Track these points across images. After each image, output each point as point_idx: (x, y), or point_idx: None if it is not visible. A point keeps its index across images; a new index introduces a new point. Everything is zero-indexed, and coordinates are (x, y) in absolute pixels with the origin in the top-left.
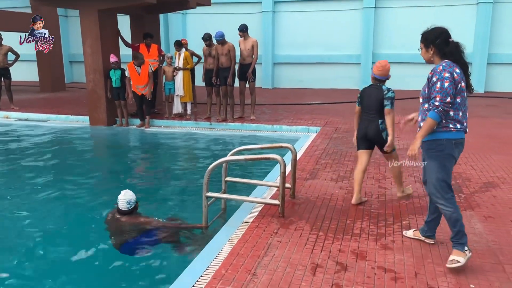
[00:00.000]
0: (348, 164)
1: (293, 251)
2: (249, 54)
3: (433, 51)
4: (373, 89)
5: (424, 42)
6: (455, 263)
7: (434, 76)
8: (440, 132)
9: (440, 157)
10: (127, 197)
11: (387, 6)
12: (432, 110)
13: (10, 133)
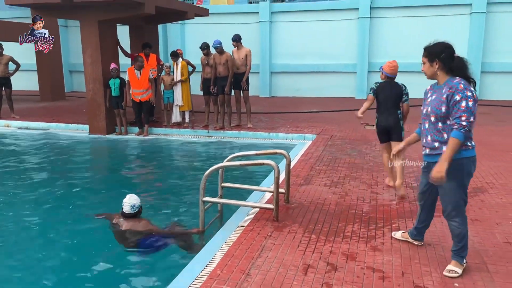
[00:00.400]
0: (342, 171)
1: (286, 253)
2: (242, 63)
3: (438, 66)
4: (390, 84)
5: (428, 57)
6: (453, 273)
7: (456, 94)
8: (460, 152)
9: (460, 176)
10: (131, 201)
11: (382, 16)
12: (457, 130)
13: (11, 142)
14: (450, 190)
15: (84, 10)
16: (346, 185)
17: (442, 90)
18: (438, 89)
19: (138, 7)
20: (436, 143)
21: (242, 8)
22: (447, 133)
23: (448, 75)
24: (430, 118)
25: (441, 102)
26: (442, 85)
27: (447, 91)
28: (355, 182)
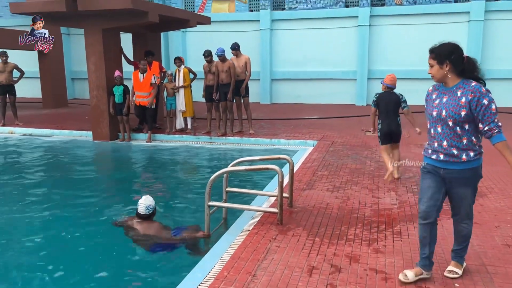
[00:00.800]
0: (344, 176)
1: (290, 255)
2: (242, 71)
3: (448, 68)
4: (389, 94)
5: (437, 59)
6: (453, 274)
7: (482, 98)
8: (478, 159)
9: (476, 182)
10: (147, 202)
11: (382, 24)
12: (500, 133)
13: (15, 148)
14: (468, 195)
15: (88, 18)
16: (348, 190)
17: (457, 93)
18: (448, 91)
19: (142, 16)
20: (454, 149)
21: (243, 16)
22: (467, 138)
23: (460, 77)
24: (447, 122)
25: (459, 106)
26: (454, 88)
27: (467, 96)
28: (357, 187)
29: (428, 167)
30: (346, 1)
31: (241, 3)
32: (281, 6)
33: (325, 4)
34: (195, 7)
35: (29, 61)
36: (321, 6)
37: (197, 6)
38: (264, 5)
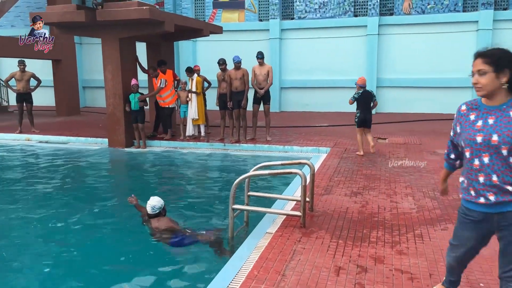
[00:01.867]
0: (360, 181)
1: (316, 256)
2: (264, 79)
3: (506, 79)
4: (366, 92)
5: (494, 65)
6: None
7: None
8: None
9: None
10: (152, 202)
11: (390, 33)
12: None
13: (33, 155)
14: None
15: (106, 28)
16: (365, 195)
17: (509, 113)
18: (495, 110)
19: (158, 25)
20: (509, 185)
21: (252, 25)
22: None
23: (510, 94)
24: (500, 150)
25: None
26: (504, 106)
27: None
28: (374, 192)
29: (474, 215)
30: (355, 11)
31: (251, 13)
32: (290, 15)
33: (334, 14)
34: (206, 16)
35: (43, 70)
36: (330, 16)
37: (207, 16)
38: (273, 15)
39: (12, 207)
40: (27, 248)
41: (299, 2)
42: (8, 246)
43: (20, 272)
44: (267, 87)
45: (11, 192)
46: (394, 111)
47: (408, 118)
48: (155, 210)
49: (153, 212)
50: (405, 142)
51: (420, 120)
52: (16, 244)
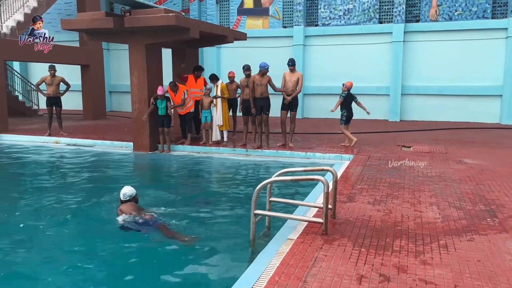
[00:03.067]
0: (383, 190)
1: (338, 264)
2: (293, 86)
3: None
4: (350, 94)
5: None
6: None
7: None
8: None
9: None
10: (123, 190)
11: (416, 40)
12: None
13: (61, 157)
14: None
15: (133, 34)
16: (389, 203)
17: None
18: None
19: (184, 32)
20: None
21: (276, 32)
22: None
23: None
24: None
25: None
26: None
27: None
28: (398, 200)
29: None
30: (380, 17)
31: (275, 20)
32: (314, 22)
33: (359, 20)
34: (230, 23)
35: (72, 75)
36: (355, 22)
37: (231, 23)
38: (297, 21)
39: (39, 205)
40: (59, 243)
41: (324, 9)
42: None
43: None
44: (295, 94)
45: (39, 191)
46: (419, 119)
47: (434, 126)
48: (125, 197)
49: (124, 198)
50: (431, 150)
51: (446, 128)
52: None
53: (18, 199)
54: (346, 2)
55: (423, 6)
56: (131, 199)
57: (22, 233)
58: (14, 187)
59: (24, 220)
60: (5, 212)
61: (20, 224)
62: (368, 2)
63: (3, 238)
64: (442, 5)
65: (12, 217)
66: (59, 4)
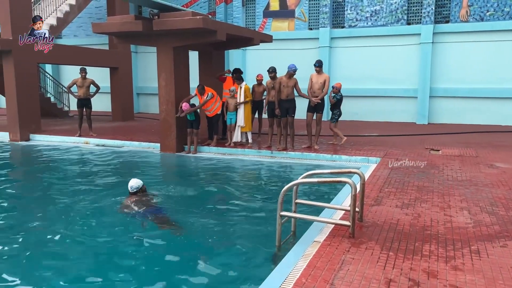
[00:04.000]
0: (411, 193)
1: (366, 267)
2: (320, 87)
3: None
4: (341, 95)
5: None
6: None
7: None
8: None
9: None
10: (131, 183)
11: (446, 41)
12: None
13: (91, 157)
14: None
15: (161, 37)
16: (417, 207)
17: None
18: None
19: (210, 34)
20: None
21: (302, 34)
22: None
23: None
24: None
25: None
26: None
27: None
28: (427, 204)
29: None
30: (408, 19)
31: (300, 22)
32: (340, 24)
33: (386, 22)
34: (256, 25)
35: (101, 77)
36: (382, 24)
37: (257, 25)
38: (323, 23)
39: (70, 200)
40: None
41: (350, 10)
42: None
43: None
44: (321, 96)
45: (70, 189)
46: (447, 122)
47: (463, 129)
48: (133, 189)
49: (132, 190)
50: (460, 154)
51: (477, 131)
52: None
53: (52, 195)
54: (373, 3)
55: (453, 7)
56: (138, 191)
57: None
58: (47, 185)
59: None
60: (42, 207)
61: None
62: (396, 3)
63: (43, 231)
64: (473, 5)
65: (48, 211)
66: (90, 8)
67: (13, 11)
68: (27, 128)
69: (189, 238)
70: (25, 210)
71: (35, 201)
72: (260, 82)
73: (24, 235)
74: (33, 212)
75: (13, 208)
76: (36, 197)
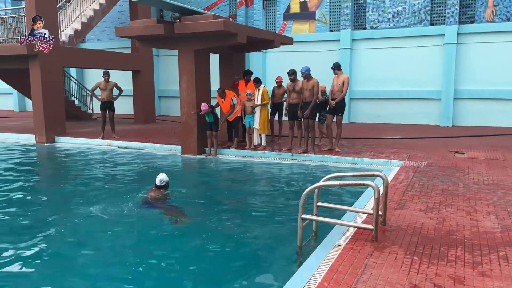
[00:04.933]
0: (436, 197)
1: (389, 272)
2: (339, 89)
3: None
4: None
5: None
6: None
7: None
8: None
9: None
10: (161, 177)
11: (471, 42)
12: None
13: (114, 159)
14: None
15: (183, 40)
16: (442, 211)
17: None
18: None
19: (231, 37)
20: None
21: (323, 36)
22: None
23: None
24: None
25: None
26: None
27: None
28: (452, 208)
29: None
30: (432, 19)
31: (321, 24)
32: (362, 25)
33: (409, 23)
34: (276, 28)
35: (123, 80)
36: (405, 25)
37: (278, 27)
38: (345, 25)
39: (94, 199)
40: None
41: (372, 12)
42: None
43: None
44: (340, 98)
45: (94, 188)
46: (473, 124)
47: (489, 132)
48: (162, 182)
49: (160, 183)
50: (487, 157)
51: (503, 134)
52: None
53: (77, 194)
54: (395, 4)
55: (478, 7)
56: (164, 185)
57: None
58: (74, 184)
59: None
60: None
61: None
62: (419, 4)
63: (74, 227)
64: (499, 5)
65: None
66: (113, 13)
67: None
68: (53, 131)
69: (209, 238)
70: (53, 206)
71: (62, 198)
72: (280, 84)
73: (54, 232)
74: (61, 208)
75: (42, 204)
76: (63, 195)
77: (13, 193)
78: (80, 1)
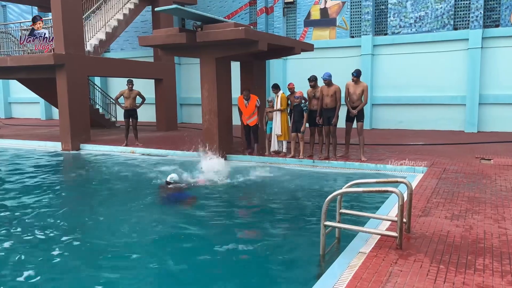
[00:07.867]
0: (462, 204)
1: (415, 280)
2: (358, 98)
3: None
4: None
5: None
6: None
7: None
8: None
9: None
10: (171, 175)
11: (496, 46)
12: None
13: (137, 166)
14: None
15: (204, 48)
16: (469, 218)
17: None
18: None
19: (252, 45)
20: None
21: (344, 42)
22: None
23: None
24: None
25: None
26: None
27: None
28: (479, 216)
29: None
30: (455, 24)
31: (342, 30)
32: (383, 31)
33: (431, 28)
34: (297, 35)
35: (146, 88)
36: (427, 30)
37: (298, 34)
38: (366, 31)
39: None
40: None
41: (393, 17)
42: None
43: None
44: (361, 106)
45: (118, 192)
46: (499, 130)
47: None
48: (171, 180)
49: (170, 180)
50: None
51: None
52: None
53: (103, 198)
54: (417, 9)
55: (503, 10)
56: (173, 183)
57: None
58: (99, 190)
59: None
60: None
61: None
62: (442, 8)
63: (101, 232)
64: None
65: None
66: (136, 22)
67: (66, 27)
68: (78, 138)
69: (231, 244)
70: (80, 211)
71: (89, 203)
72: (293, 91)
73: (85, 235)
74: (87, 213)
75: (70, 209)
76: (89, 200)
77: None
78: (105, 12)
